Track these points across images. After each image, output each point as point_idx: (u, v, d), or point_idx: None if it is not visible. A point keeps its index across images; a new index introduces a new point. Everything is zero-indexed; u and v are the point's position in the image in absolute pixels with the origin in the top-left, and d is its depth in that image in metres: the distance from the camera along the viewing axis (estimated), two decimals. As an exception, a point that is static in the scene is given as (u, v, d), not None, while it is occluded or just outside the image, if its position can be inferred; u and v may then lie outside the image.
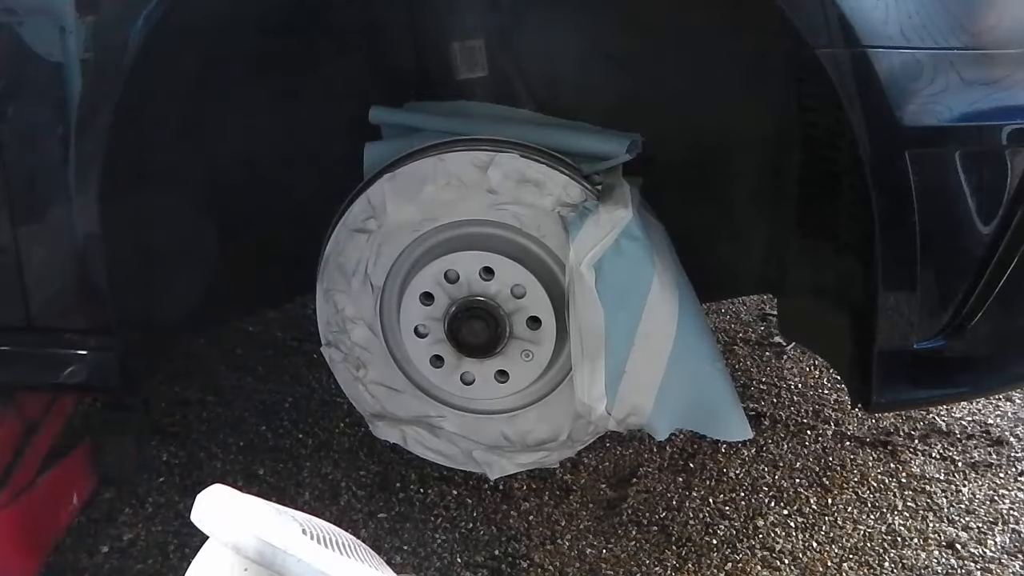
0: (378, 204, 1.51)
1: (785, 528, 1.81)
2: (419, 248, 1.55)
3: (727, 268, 1.78)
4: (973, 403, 2.16)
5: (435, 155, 1.47)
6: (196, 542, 1.09)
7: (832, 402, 2.20)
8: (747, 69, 1.58)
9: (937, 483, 1.93)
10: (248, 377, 2.33)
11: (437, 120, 1.56)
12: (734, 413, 1.53)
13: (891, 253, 1.30)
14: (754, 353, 2.42)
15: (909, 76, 1.23)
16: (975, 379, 1.47)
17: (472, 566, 1.75)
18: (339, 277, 1.57)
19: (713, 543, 1.78)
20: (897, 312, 1.33)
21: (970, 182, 1.28)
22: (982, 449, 2.03)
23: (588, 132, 1.52)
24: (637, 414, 1.52)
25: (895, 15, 1.22)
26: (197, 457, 2.04)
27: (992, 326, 1.37)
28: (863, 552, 1.75)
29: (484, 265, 1.50)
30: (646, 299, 1.45)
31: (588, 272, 1.43)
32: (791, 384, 2.28)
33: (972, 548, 1.75)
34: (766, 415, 2.15)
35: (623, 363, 1.48)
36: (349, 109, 1.67)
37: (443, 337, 1.54)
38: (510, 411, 1.63)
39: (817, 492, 1.91)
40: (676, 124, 1.63)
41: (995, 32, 1.27)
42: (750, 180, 1.69)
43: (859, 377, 1.43)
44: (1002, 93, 1.28)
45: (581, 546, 1.78)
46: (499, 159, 1.45)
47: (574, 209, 1.45)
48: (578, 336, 1.47)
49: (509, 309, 1.52)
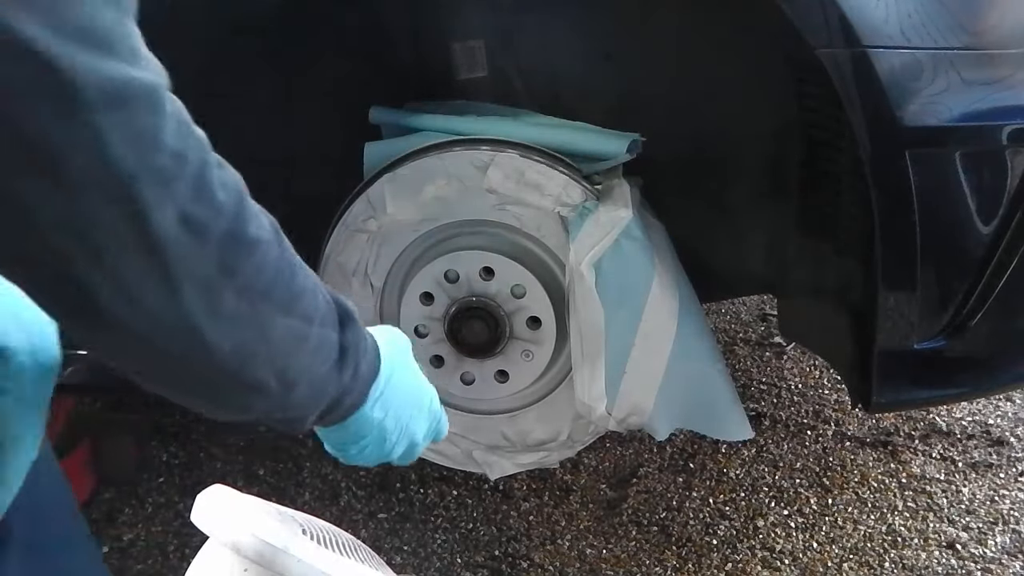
0: (378, 204, 1.51)
1: (785, 528, 1.81)
2: (419, 248, 1.55)
3: (727, 268, 1.77)
4: (973, 403, 2.16)
5: (435, 155, 1.47)
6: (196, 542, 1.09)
7: (832, 402, 2.20)
8: (747, 69, 1.58)
9: (937, 483, 1.93)
10: (248, 377, 2.33)
11: (437, 120, 1.56)
12: (734, 413, 1.53)
13: (891, 253, 1.29)
14: (754, 353, 2.42)
15: (909, 76, 1.23)
16: (975, 379, 1.47)
17: (472, 566, 1.75)
18: (339, 277, 1.57)
19: (713, 543, 1.78)
20: (897, 312, 1.33)
21: (970, 182, 1.28)
22: (982, 449, 2.03)
23: (588, 132, 1.52)
24: (637, 414, 1.52)
25: (895, 15, 1.22)
26: (197, 457, 2.04)
27: (992, 326, 1.36)
28: (863, 552, 1.75)
29: (484, 265, 1.50)
30: (646, 299, 1.45)
31: (588, 272, 1.43)
32: (791, 384, 2.28)
33: (972, 548, 1.75)
34: (766, 415, 2.15)
35: (623, 363, 1.48)
36: (349, 109, 1.67)
37: (443, 337, 1.54)
38: (510, 411, 1.63)
39: (817, 492, 1.91)
40: (676, 124, 1.63)
41: (995, 32, 1.27)
42: (750, 180, 1.69)
43: (859, 377, 1.43)
44: (1002, 93, 1.28)
45: (581, 546, 1.78)
46: (499, 159, 1.45)
47: (574, 209, 1.45)
48: (578, 336, 1.47)
49: (509, 309, 1.52)
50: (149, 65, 0.59)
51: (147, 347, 0.62)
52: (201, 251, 0.60)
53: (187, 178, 0.59)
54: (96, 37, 0.54)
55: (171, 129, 0.58)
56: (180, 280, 0.59)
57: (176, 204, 0.58)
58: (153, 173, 0.57)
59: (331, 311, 0.75)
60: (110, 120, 0.54)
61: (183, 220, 0.58)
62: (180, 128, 0.59)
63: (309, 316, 0.71)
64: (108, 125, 0.54)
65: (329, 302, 0.75)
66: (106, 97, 0.54)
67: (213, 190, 0.61)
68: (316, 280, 0.74)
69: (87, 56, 0.53)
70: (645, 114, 1.63)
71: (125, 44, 0.56)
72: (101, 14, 0.55)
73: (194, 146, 0.60)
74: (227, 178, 0.63)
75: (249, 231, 0.64)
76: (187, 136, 0.60)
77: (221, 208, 0.61)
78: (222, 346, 0.63)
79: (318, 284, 0.74)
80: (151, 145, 0.57)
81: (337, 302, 0.77)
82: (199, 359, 0.63)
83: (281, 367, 0.69)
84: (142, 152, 0.56)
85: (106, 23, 0.55)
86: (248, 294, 0.64)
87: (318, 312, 0.72)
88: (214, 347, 0.63)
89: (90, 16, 0.54)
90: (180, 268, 0.59)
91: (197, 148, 0.61)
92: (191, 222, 0.59)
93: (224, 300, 0.62)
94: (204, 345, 0.62)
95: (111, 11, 0.55)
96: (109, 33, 0.55)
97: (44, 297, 0.61)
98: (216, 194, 0.61)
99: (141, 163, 0.56)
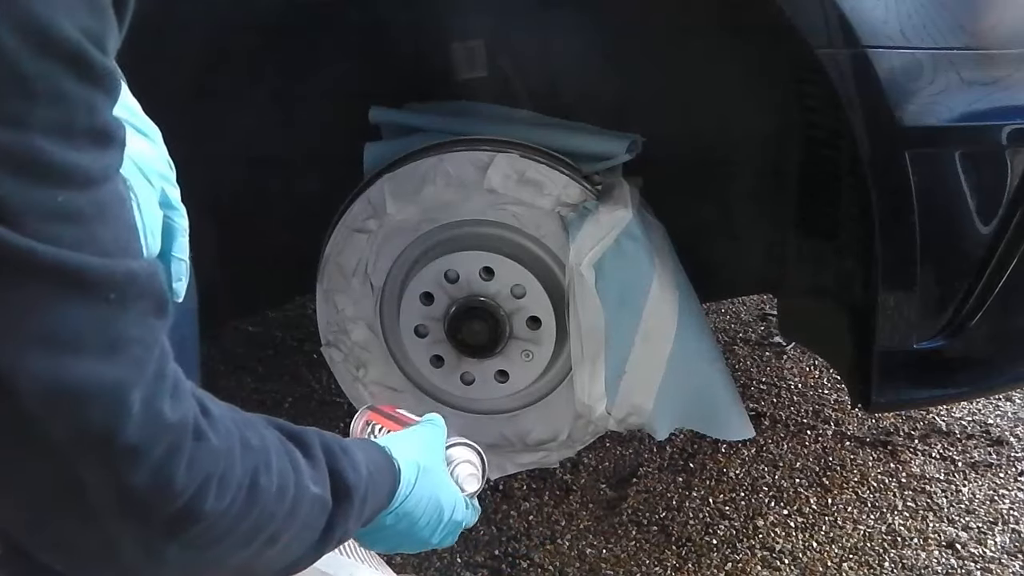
0: (378, 204, 1.51)
1: (785, 528, 1.81)
2: (419, 248, 1.55)
3: (727, 268, 1.78)
4: (973, 403, 2.16)
5: (435, 155, 1.47)
6: (196, 542, 1.09)
7: (832, 402, 2.20)
8: (747, 69, 1.58)
9: (937, 483, 1.93)
10: (248, 377, 2.33)
11: (437, 120, 1.56)
12: (734, 413, 1.53)
13: (891, 253, 1.29)
14: (754, 353, 2.42)
15: (909, 76, 1.23)
16: (975, 379, 1.47)
17: (472, 566, 1.74)
18: (339, 277, 1.57)
19: (713, 543, 1.78)
20: (897, 312, 1.33)
21: (970, 182, 1.28)
22: (982, 449, 2.03)
23: (588, 132, 1.52)
24: (637, 414, 1.52)
25: (895, 15, 1.22)
26: (197, 457, 2.04)
27: (992, 326, 1.36)
28: (863, 552, 1.75)
29: (484, 265, 1.50)
30: (646, 299, 1.45)
31: (588, 272, 1.43)
32: (791, 384, 2.28)
33: (972, 548, 1.75)
34: (766, 415, 2.15)
35: (623, 363, 1.48)
36: (349, 109, 1.67)
37: (443, 337, 1.55)
38: (510, 411, 1.63)
39: (817, 492, 1.90)
40: (676, 124, 1.63)
41: (995, 32, 1.27)
42: (750, 180, 1.69)
43: (859, 377, 1.43)
44: (1002, 93, 1.28)
45: (581, 546, 1.78)
46: (499, 159, 1.45)
47: (574, 209, 1.45)
48: (578, 336, 1.47)
49: (509, 309, 1.52)
50: (123, 355, 0.59)
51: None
52: (145, 528, 0.61)
53: (142, 471, 0.59)
54: (52, 340, 0.55)
55: (131, 427, 0.58)
56: (118, 540, 0.61)
57: (118, 489, 0.59)
58: (96, 463, 0.58)
59: (314, 510, 0.75)
60: (48, 420, 0.55)
61: (123, 501, 0.60)
62: (146, 423, 0.59)
63: (274, 537, 0.71)
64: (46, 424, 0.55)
65: (315, 499, 0.74)
66: (46, 398, 0.55)
67: (172, 477, 0.61)
68: (297, 485, 0.73)
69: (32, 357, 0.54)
70: (645, 114, 1.63)
71: (91, 338, 0.57)
72: (70, 318, 0.55)
73: (163, 437, 0.60)
74: (200, 455, 0.63)
75: (205, 507, 0.64)
76: (155, 428, 0.60)
77: (174, 494, 0.61)
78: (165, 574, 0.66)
79: (300, 491, 0.73)
80: (99, 444, 0.57)
81: (338, 478, 0.77)
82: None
83: (244, 573, 0.72)
84: (86, 449, 0.57)
85: (74, 324, 0.55)
86: (194, 547, 0.65)
87: (291, 527, 0.72)
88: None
89: (45, 320, 0.55)
90: (118, 532, 0.61)
91: (166, 437, 0.61)
92: (133, 505, 0.60)
93: (167, 553, 0.63)
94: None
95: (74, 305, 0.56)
96: (75, 333, 0.56)
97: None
98: (174, 481, 0.61)
99: (83, 456, 0.57)
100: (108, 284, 0.57)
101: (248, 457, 0.68)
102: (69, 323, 0.55)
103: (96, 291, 0.56)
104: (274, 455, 0.71)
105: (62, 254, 0.54)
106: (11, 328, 0.54)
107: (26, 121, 0.53)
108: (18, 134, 0.53)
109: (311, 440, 0.77)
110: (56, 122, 0.55)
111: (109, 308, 0.57)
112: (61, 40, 0.54)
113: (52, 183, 0.54)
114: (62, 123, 0.55)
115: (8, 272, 0.53)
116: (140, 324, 0.59)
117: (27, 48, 0.53)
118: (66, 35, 0.54)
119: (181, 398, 0.62)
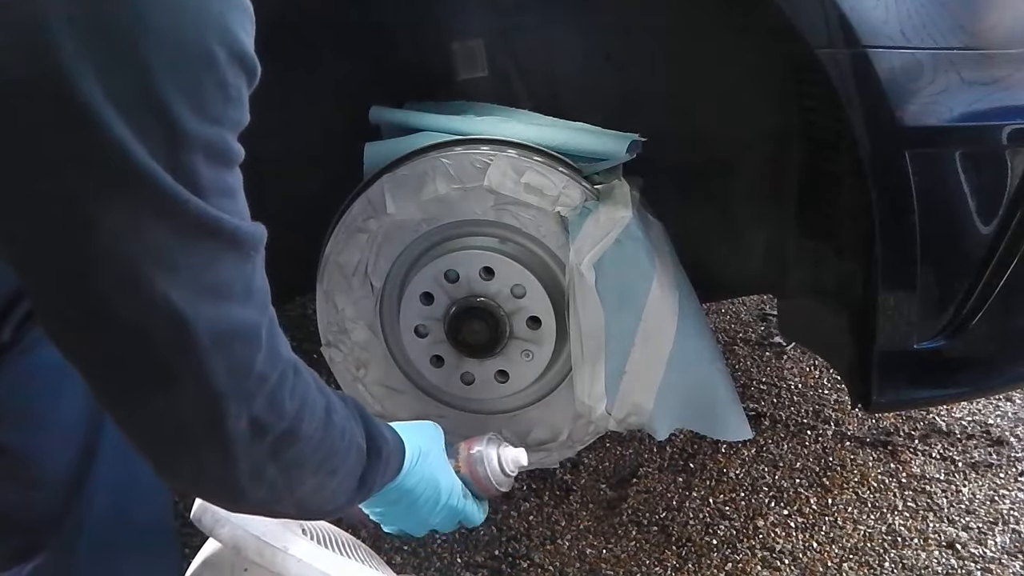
0: (378, 204, 1.51)
1: (785, 528, 1.81)
2: (419, 248, 1.55)
3: (727, 268, 1.77)
4: (973, 403, 2.16)
5: (435, 155, 1.47)
6: (196, 542, 1.09)
7: (832, 402, 2.20)
8: (747, 69, 1.58)
9: (937, 483, 1.93)
10: (248, 377, 2.33)
11: (437, 120, 1.56)
12: (734, 413, 1.53)
13: (891, 253, 1.30)
14: (754, 353, 2.42)
15: (909, 76, 1.23)
16: (975, 379, 1.47)
17: (472, 566, 1.75)
18: (339, 277, 1.57)
19: (713, 543, 1.78)
20: (897, 312, 1.33)
21: (970, 182, 1.28)
22: (982, 449, 2.03)
23: (588, 132, 1.52)
24: (637, 414, 1.52)
25: (895, 15, 1.22)
26: (197, 457, 2.04)
27: (992, 326, 1.36)
28: (863, 552, 1.75)
29: (484, 265, 1.50)
30: (646, 299, 1.45)
31: (588, 272, 1.43)
32: (791, 384, 2.28)
33: (972, 548, 1.75)
34: (766, 415, 2.15)
35: (623, 363, 1.48)
36: (349, 109, 1.67)
37: (443, 337, 1.54)
38: (510, 411, 1.63)
39: (817, 492, 1.91)
40: (676, 124, 1.63)
41: (995, 32, 1.27)
42: (750, 180, 1.69)
43: (859, 377, 1.43)
44: (1002, 93, 1.28)
45: (581, 546, 1.78)
46: (499, 159, 1.45)
47: (574, 209, 1.45)
48: (578, 336, 1.47)
49: (509, 309, 1.52)
50: (255, 300, 0.74)
51: (199, 491, 0.85)
52: (259, 445, 0.76)
53: (264, 395, 0.74)
54: (218, 289, 0.70)
55: (261, 358, 0.73)
56: (236, 461, 0.75)
57: (249, 413, 0.74)
58: (238, 392, 0.72)
59: (358, 457, 0.90)
60: (214, 355, 0.70)
61: (251, 423, 0.74)
62: (269, 355, 0.74)
63: (334, 470, 0.86)
64: (212, 359, 0.70)
65: (360, 448, 0.90)
66: (215, 338, 0.69)
67: (283, 400, 0.76)
68: (351, 431, 0.88)
69: (206, 305, 0.69)
70: (645, 114, 1.63)
71: (238, 286, 0.71)
72: (227, 271, 0.70)
73: (278, 366, 0.76)
74: (298, 385, 0.79)
75: (302, 429, 0.79)
76: (274, 360, 0.75)
77: (284, 415, 0.77)
78: (256, 495, 0.80)
79: (352, 436, 0.88)
80: (243, 373, 0.72)
81: (370, 437, 0.93)
82: (235, 499, 0.81)
83: (301, 504, 0.86)
84: (234, 378, 0.72)
85: (229, 276, 0.70)
86: (286, 467, 0.80)
87: (346, 464, 0.88)
88: (251, 496, 0.80)
89: (215, 273, 0.69)
90: (239, 453, 0.75)
91: (279, 367, 0.76)
92: (257, 425, 0.74)
93: (266, 473, 0.78)
94: (243, 495, 0.79)
95: (230, 261, 0.70)
96: (230, 283, 0.71)
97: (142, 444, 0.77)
98: (284, 404, 0.77)
99: (231, 386, 0.71)
100: (251, 243, 0.72)
101: (322, 395, 0.84)
102: (229, 275, 0.70)
103: (244, 249, 0.71)
104: (336, 399, 0.87)
105: (233, 221, 0.69)
106: (193, 280, 0.68)
107: (221, 120, 0.67)
108: (217, 130, 0.67)
109: (352, 400, 0.93)
110: (234, 120, 0.69)
111: (249, 263, 0.72)
112: (245, 52, 0.68)
113: (227, 167, 0.70)
114: (237, 120, 0.70)
115: (200, 236, 0.67)
116: (262, 275, 0.75)
117: (228, 59, 0.66)
118: (247, 48, 0.68)
119: (283, 337, 0.78)
